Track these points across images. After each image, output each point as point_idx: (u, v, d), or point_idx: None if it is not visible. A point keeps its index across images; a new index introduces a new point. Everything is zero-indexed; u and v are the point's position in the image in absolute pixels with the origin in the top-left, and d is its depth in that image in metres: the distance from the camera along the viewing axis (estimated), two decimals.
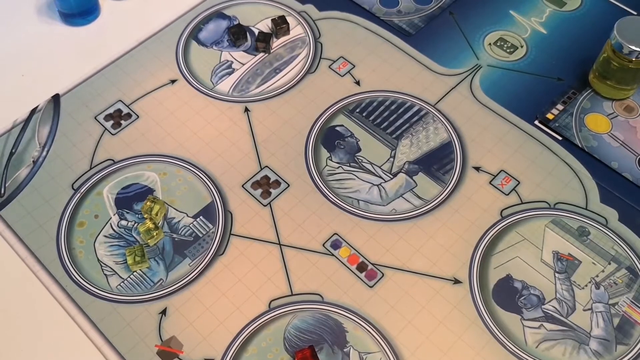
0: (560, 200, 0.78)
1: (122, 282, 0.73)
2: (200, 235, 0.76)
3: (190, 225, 0.76)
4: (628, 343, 0.69)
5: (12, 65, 0.90)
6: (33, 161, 0.80)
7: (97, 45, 0.92)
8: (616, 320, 0.70)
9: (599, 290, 0.72)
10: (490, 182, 0.79)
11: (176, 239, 0.75)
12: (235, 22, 0.94)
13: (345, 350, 0.68)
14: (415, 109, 0.85)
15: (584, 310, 0.71)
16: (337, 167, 0.81)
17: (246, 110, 0.85)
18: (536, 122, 0.84)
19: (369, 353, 0.68)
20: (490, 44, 0.92)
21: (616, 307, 0.71)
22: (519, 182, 0.79)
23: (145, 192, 0.78)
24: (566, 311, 0.70)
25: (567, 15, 0.95)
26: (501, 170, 0.80)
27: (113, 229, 0.76)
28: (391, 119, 0.85)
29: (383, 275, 0.73)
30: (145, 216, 0.76)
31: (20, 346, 0.69)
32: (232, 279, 0.73)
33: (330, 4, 0.96)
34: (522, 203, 0.78)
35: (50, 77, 0.87)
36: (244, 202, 0.78)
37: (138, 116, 0.85)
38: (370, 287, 0.72)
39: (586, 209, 0.77)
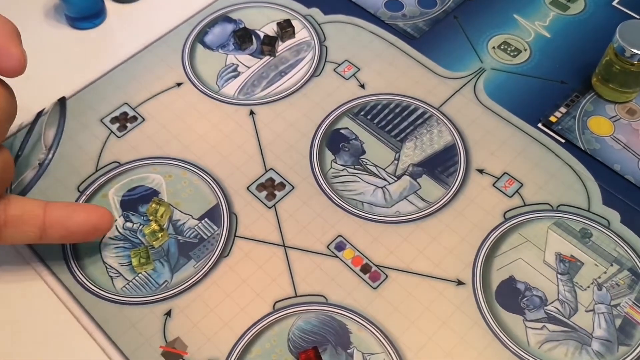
0: (563, 202, 0.78)
1: (127, 283, 0.73)
2: (205, 237, 0.76)
3: (195, 227, 0.77)
4: (630, 344, 0.69)
5: None
6: (39, 164, 0.81)
7: (103, 48, 0.92)
8: (618, 322, 0.70)
9: (601, 291, 0.72)
10: (493, 185, 0.79)
11: (181, 241, 0.76)
12: (241, 26, 0.95)
13: (349, 351, 0.69)
14: (419, 112, 0.86)
15: (586, 311, 0.71)
16: (342, 170, 0.81)
17: (251, 113, 0.86)
18: (539, 125, 0.84)
19: (373, 354, 0.69)
20: (494, 47, 0.92)
21: (618, 308, 0.71)
22: (522, 185, 0.79)
23: (150, 195, 0.79)
24: (568, 312, 0.71)
25: (571, 19, 0.95)
26: (504, 173, 0.80)
27: (118, 231, 0.76)
28: (395, 121, 0.85)
29: (387, 276, 0.73)
30: (150, 218, 0.76)
31: (24, 347, 0.70)
32: (236, 281, 0.73)
33: (335, 8, 0.97)
34: (525, 205, 0.78)
35: (56, 80, 0.88)
36: (249, 204, 0.79)
37: (144, 119, 0.85)
38: (374, 288, 0.73)
39: (589, 211, 0.77)
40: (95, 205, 0.72)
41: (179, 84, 0.89)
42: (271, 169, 0.81)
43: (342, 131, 0.84)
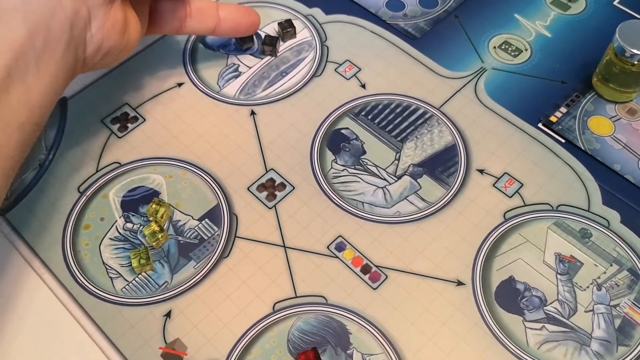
0: (563, 202, 0.78)
1: (127, 284, 0.73)
2: (206, 237, 0.76)
3: (196, 228, 0.77)
4: (629, 344, 0.69)
5: None
6: (39, 164, 0.81)
7: None
8: (617, 322, 0.70)
9: (601, 291, 0.72)
10: (493, 185, 0.79)
11: (181, 242, 0.76)
12: None
13: (348, 352, 0.69)
14: (420, 112, 0.86)
15: (586, 311, 0.71)
16: (342, 170, 0.81)
17: (252, 113, 0.86)
18: (540, 125, 0.84)
19: (372, 355, 0.69)
20: (495, 47, 0.92)
21: (617, 308, 0.71)
22: (522, 185, 0.79)
23: (151, 195, 0.79)
24: (568, 312, 0.71)
25: (572, 19, 0.95)
26: (505, 173, 0.80)
27: (118, 232, 0.76)
28: (396, 121, 0.85)
29: (387, 277, 0.73)
30: (150, 219, 0.76)
31: (24, 348, 0.70)
32: (236, 282, 0.74)
33: (336, 8, 0.97)
34: (525, 205, 0.78)
35: None
36: (249, 204, 0.79)
37: (145, 119, 0.85)
38: (374, 289, 0.73)
39: (588, 211, 0.77)
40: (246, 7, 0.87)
41: (179, 84, 0.89)
42: (271, 169, 0.81)
43: (342, 131, 0.84)
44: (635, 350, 0.69)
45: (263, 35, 0.93)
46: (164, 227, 0.76)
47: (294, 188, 0.80)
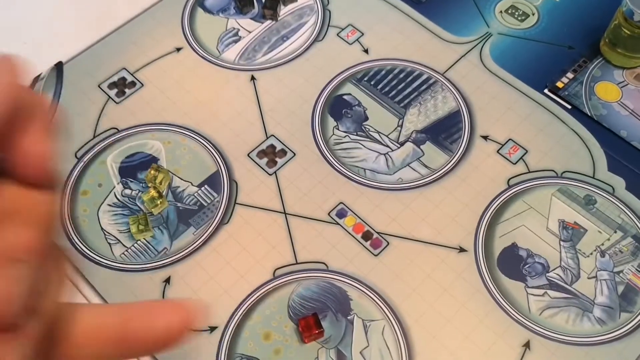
0: (568, 168, 0.77)
1: (126, 250, 0.73)
2: (205, 204, 0.76)
3: (195, 194, 0.76)
4: (632, 310, 0.68)
5: (14, 32, 0.89)
6: None
7: (102, 12, 0.91)
8: (620, 288, 0.69)
9: (604, 258, 0.71)
10: (497, 151, 0.79)
11: (180, 208, 0.75)
12: None
13: (349, 318, 0.68)
14: (424, 77, 0.85)
15: (589, 278, 0.70)
16: (344, 136, 0.80)
17: (252, 78, 0.85)
18: (546, 91, 0.83)
19: (373, 321, 0.68)
20: (501, 11, 0.91)
21: (621, 275, 0.70)
22: (526, 151, 0.78)
23: (149, 161, 0.78)
24: (570, 279, 0.70)
25: None
26: (509, 139, 0.79)
27: (117, 198, 0.76)
28: (399, 87, 0.84)
29: (388, 244, 0.73)
30: (149, 185, 0.75)
31: None
32: (236, 248, 0.73)
33: None
34: (529, 172, 0.77)
35: (53, 44, 0.87)
36: (250, 171, 0.78)
37: (143, 84, 0.84)
38: (375, 255, 0.72)
39: (593, 177, 0.76)
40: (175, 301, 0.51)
41: (178, 49, 0.88)
42: (272, 135, 0.80)
43: (344, 97, 0.83)
44: (638, 316, 0.68)
45: None
46: (163, 193, 0.75)
47: (294, 154, 0.79)
